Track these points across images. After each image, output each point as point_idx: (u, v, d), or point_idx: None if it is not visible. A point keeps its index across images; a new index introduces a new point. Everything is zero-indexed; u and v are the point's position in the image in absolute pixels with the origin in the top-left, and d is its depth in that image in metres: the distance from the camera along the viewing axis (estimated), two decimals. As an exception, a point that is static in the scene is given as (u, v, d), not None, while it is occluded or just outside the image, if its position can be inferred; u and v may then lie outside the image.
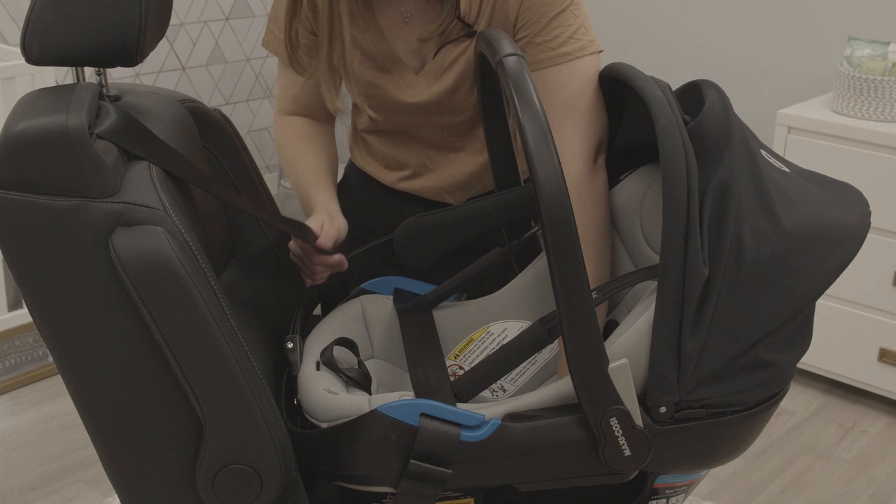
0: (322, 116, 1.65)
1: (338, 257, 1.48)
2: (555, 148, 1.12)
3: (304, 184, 1.58)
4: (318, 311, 1.58)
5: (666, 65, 3.39)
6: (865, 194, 1.43)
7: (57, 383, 2.87)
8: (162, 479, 1.21)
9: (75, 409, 1.21)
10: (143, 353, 1.14)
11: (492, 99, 1.51)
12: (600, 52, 1.48)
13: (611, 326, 1.49)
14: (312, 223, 1.47)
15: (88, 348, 1.15)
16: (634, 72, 1.34)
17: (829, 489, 2.57)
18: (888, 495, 2.54)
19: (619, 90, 1.42)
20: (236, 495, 1.19)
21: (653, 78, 1.32)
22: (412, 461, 1.21)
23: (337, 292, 1.57)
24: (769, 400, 1.31)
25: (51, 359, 2.84)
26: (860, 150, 2.72)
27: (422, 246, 1.55)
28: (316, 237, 1.45)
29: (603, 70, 1.45)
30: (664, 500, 1.38)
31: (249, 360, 1.19)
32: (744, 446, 1.34)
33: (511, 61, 1.19)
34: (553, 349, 1.52)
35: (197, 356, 1.13)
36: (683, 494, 1.41)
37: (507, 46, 1.22)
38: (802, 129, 2.81)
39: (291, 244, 1.49)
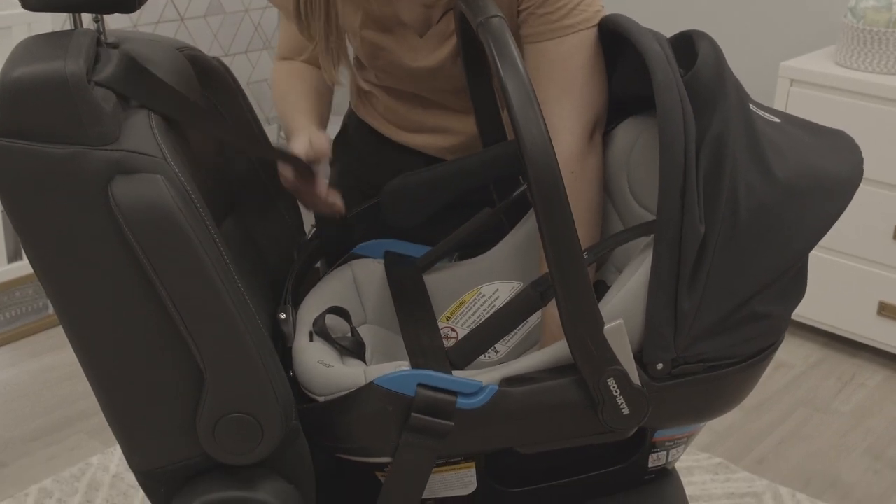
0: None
1: (332, 197, 1.47)
2: (539, 110, 1.10)
3: (288, 114, 1.56)
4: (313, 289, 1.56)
5: (667, 16, 3.37)
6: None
7: (57, 335, 2.88)
8: (163, 429, 1.22)
9: (76, 360, 1.21)
10: (143, 301, 1.14)
11: (473, 57, 1.49)
12: None
13: (599, 287, 1.49)
14: (294, 147, 1.45)
15: (88, 297, 1.15)
16: (632, 24, 1.32)
17: (827, 441, 2.58)
18: (884, 447, 2.56)
19: (614, 41, 1.40)
20: (237, 443, 1.20)
21: (650, 31, 1.30)
22: (413, 414, 1.21)
23: (341, 249, 1.57)
24: (765, 350, 1.31)
25: (51, 310, 2.84)
26: (863, 103, 2.70)
27: (409, 205, 1.53)
28: (311, 170, 1.43)
29: (600, 20, 1.44)
30: (664, 453, 1.39)
31: (249, 309, 1.18)
32: (741, 397, 1.34)
33: (493, 23, 1.17)
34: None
35: (197, 304, 1.13)
36: (683, 446, 1.41)
37: (488, 8, 1.20)
38: (805, 81, 2.78)
39: (281, 169, 1.47)
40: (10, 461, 2.42)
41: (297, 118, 1.55)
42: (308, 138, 1.47)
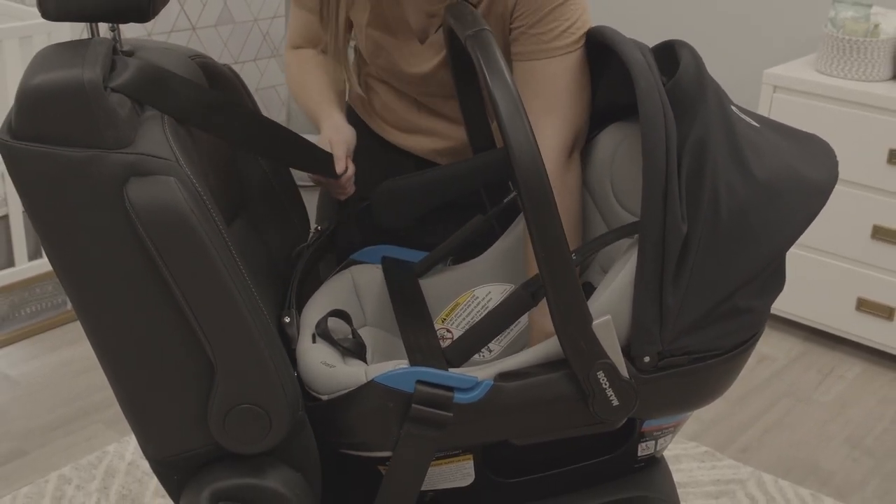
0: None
1: (350, 173, 1.47)
2: (527, 118, 1.11)
3: (311, 102, 1.56)
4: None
5: (654, 27, 3.36)
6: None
7: (75, 329, 2.87)
8: (176, 419, 1.22)
9: (93, 354, 1.21)
10: (157, 298, 1.14)
11: (462, 70, 1.48)
12: None
13: (585, 288, 1.48)
14: (320, 144, 1.46)
15: (105, 294, 1.15)
16: (617, 36, 1.32)
17: (808, 431, 2.58)
18: (862, 436, 2.56)
19: (599, 52, 1.40)
20: (246, 433, 1.20)
21: (633, 41, 1.30)
22: (414, 405, 1.21)
23: (342, 252, 1.57)
24: (747, 342, 1.31)
25: (70, 305, 2.84)
26: (842, 109, 2.70)
27: (399, 208, 1.52)
28: (333, 167, 1.44)
29: (587, 32, 1.43)
30: (653, 443, 1.38)
31: (258, 305, 1.18)
32: (725, 386, 1.34)
33: (481, 35, 1.18)
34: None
35: (208, 301, 1.13)
36: (671, 435, 1.41)
37: (476, 22, 1.20)
38: (787, 88, 2.79)
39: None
40: (31, 449, 2.42)
41: (319, 109, 1.54)
42: (334, 135, 1.48)
